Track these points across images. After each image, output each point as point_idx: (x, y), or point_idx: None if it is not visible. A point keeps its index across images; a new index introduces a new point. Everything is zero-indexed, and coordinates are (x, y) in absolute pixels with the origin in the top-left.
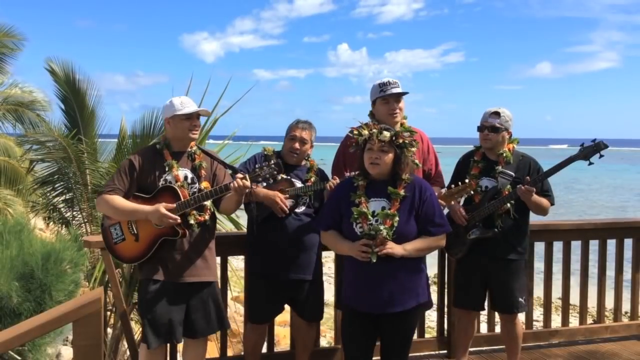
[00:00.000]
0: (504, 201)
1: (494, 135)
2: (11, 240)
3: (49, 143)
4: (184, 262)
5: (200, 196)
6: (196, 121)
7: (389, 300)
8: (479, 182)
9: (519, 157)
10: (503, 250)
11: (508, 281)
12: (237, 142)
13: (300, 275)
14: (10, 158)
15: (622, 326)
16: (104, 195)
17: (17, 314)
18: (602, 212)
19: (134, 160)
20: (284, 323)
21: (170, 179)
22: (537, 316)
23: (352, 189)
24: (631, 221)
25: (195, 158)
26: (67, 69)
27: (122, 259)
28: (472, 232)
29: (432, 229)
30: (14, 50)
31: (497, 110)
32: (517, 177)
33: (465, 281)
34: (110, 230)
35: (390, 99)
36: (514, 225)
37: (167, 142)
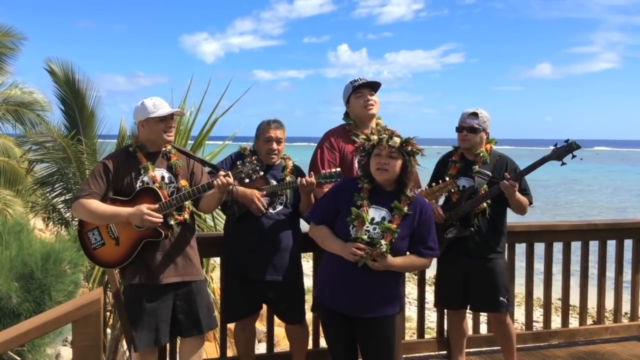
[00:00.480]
0: (480, 200)
1: (472, 135)
2: (11, 240)
3: (48, 143)
4: (167, 263)
5: (183, 195)
6: (171, 122)
7: (366, 305)
8: (457, 182)
9: (496, 157)
10: (481, 250)
11: (487, 280)
12: (237, 143)
13: (273, 276)
14: (10, 158)
15: (622, 327)
16: (81, 200)
17: (17, 315)
18: (602, 213)
19: (108, 163)
20: (278, 324)
21: (147, 180)
22: (537, 317)
23: (356, 190)
24: (631, 222)
25: (171, 157)
26: (66, 69)
27: (102, 265)
28: (449, 231)
29: (423, 251)
30: (13, 51)
31: (475, 111)
32: (493, 176)
33: (444, 280)
34: (88, 236)
35: (364, 91)
36: (491, 224)
37: (140, 144)
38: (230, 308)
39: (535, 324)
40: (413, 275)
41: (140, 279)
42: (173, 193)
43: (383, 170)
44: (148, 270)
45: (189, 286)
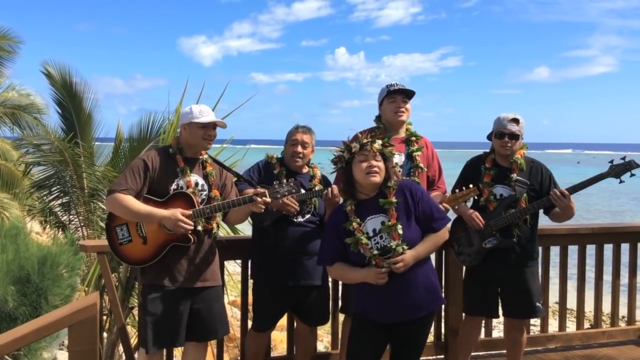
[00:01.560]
0: (527, 212)
1: (514, 142)
2: (7, 244)
3: (45, 146)
4: (190, 268)
5: (217, 206)
6: (211, 131)
7: (411, 307)
8: (493, 190)
9: (530, 163)
10: (520, 259)
11: (526, 287)
12: (234, 146)
13: (309, 281)
14: (7, 161)
15: (619, 331)
16: (117, 194)
17: (13, 319)
18: (599, 217)
19: (148, 161)
20: (280, 327)
21: (182, 184)
22: (535, 321)
23: (344, 217)
24: (628, 226)
25: (207, 166)
26: (63, 72)
27: (126, 261)
28: (489, 241)
29: (435, 225)
30: (10, 53)
31: (516, 116)
32: (531, 184)
33: (479, 289)
34: (117, 230)
35: (397, 97)
36: (529, 232)
37: (180, 147)
38: (261, 316)
39: (532, 327)
40: None
41: (161, 281)
42: (204, 201)
43: (374, 174)
44: (171, 273)
45: (207, 291)
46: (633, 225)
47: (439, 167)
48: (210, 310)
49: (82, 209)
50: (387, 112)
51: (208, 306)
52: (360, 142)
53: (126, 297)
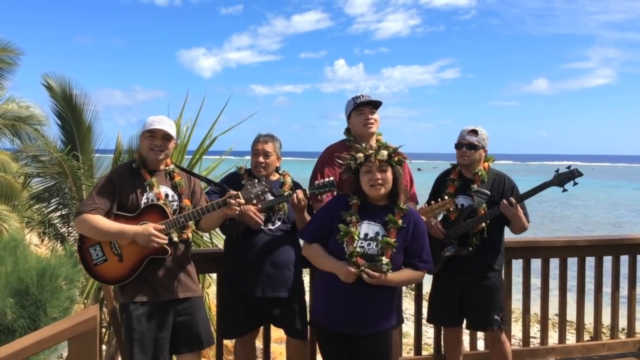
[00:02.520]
0: (480, 220)
1: (471, 152)
2: (6, 256)
3: (44, 158)
4: (169, 280)
5: (190, 214)
6: (159, 141)
7: (365, 321)
8: (455, 200)
9: (494, 175)
10: (478, 268)
11: (483, 299)
12: (233, 158)
13: (275, 292)
14: (7, 173)
15: (618, 343)
16: (85, 215)
17: (12, 331)
18: (598, 228)
19: (113, 178)
20: (280, 340)
21: (152, 197)
22: (534, 332)
23: (345, 207)
24: (627, 238)
25: (174, 176)
26: (63, 84)
27: (104, 281)
28: (447, 250)
29: (419, 264)
30: (11, 65)
31: (475, 128)
32: (492, 195)
33: (439, 297)
34: (90, 251)
35: (365, 109)
36: (489, 243)
37: (143, 160)
38: (230, 325)
39: (532, 339)
40: (410, 291)
41: (141, 297)
42: (175, 211)
43: (378, 186)
44: (150, 287)
45: (188, 302)
46: (632, 237)
47: (410, 177)
48: (192, 321)
49: None
50: (356, 125)
51: (190, 317)
52: (365, 153)
53: None
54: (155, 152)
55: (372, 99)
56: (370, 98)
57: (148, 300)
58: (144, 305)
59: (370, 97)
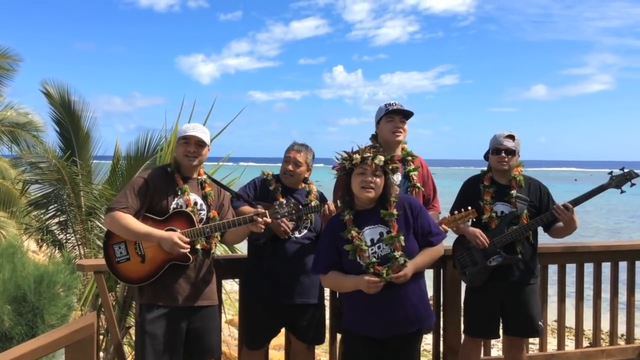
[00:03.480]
0: (532, 226)
1: (511, 157)
2: (4, 263)
3: (42, 164)
4: (187, 287)
5: (216, 226)
6: (193, 147)
7: (403, 321)
8: (494, 208)
9: (528, 180)
10: (523, 276)
11: (526, 305)
12: (231, 164)
13: (305, 299)
14: (5, 180)
15: (618, 350)
16: (117, 212)
17: (9, 338)
18: (596, 234)
19: (149, 179)
20: (278, 347)
21: (181, 203)
22: (533, 339)
23: (342, 226)
24: (625, 244)
25: (205, 186)
26: (62, 91)
27: (123, 279)
28: (494, 259)
29: (432, 239)
30: (9, 71)
31: (511, 133)
32: (531, 201)
33: (482, 309)
34: (114, 248)
35: (395, 117)
36: (530, 249)
37: (178, 165)
38: (253, 335)
39: (531, 346)
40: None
41: (159, 300)
42: (202, 220)
43: (369, 189)
44: (168, 293)
45: (204, 310)
46: (631, 243)
47: (434, 186)
48: (207, 329)
49: (79, 228)
50: (384, 131)
51: (205, 326)
52: (362, 155)
53: (123, 317)
54: (189, 158)
55: (404, 107)
56: (403, 107)
57: (164, 305)
58: (160, 309)
59: (403, 105)
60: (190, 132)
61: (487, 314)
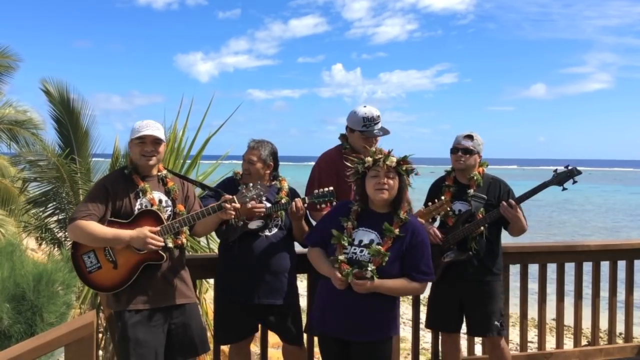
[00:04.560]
0: (480, 223)
1: (467, 157)
2: (3, 261)
3: (41, 162)
4: (164, 287)
5: (185, 219)
6: (150, 146)
7: (355, 328)
8: (452, 206)
9: (489, 180)
10: (477, 272)
11: (483, 304)
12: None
13: (270, 300)
14: (4, 177)
15: (616, 348)
16: (79, 221)
17: (8, 336)
18: (595, 233)
19: (107, 184)
20: (277, 345)
21: (145, 203)
22: (532, 337)
23: (346, 213)
24: (624, 243)
25: (167, 182)
26: (61, 89)
27: (97, 288)
28: (447, 255)
29: (416, 275)
30: (8, 69)
31: (470, 133)
32: (489, 199)
33: (439, 303)
34: (83, 259)
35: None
36: (488, 247)
37: (134, 166)
38: (225, 331)
39: (529, 344)
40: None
41: (136, 304)
42: (170, 217)
43: (383, 191)
44: (145, 294)
45: (183, 309)
46: (629, 242)
47: None
48: (187, 328)
49: None
50: (357, 144)
51: (185, 324)
52: (373, 157)
53: None
54: (147, 158)
55: (380, 123)
56: (379, 121)
57: (143, 308)
58: (140, 313)
59: (380, 118)
60: (145, 130)
61: (445, 308)
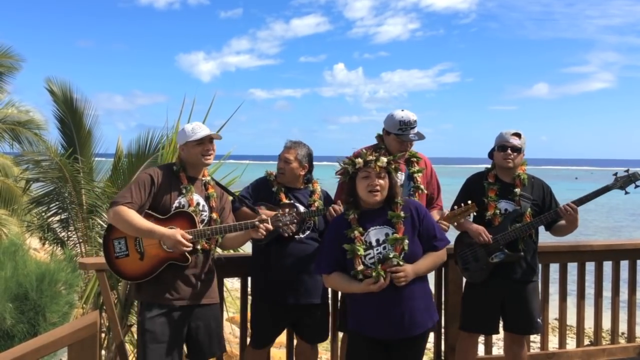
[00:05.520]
0: (535, 224)
1: (516, 155)
2: (6, 261)
3: (44, 162)
4: (188, 287)
5: (218, 229)
6: (209, 145)
7: (409, 323)
8: (498, 205)
9: (531, 179)
10: (525, 273)
11: (527, 302)
12: (232, 162)
13: (309, 299)
14: (7, 177)
15: (619, 348)
16: (121, 207)
17: (11, 336)
18: (597, 233)
19: (154, 176)
20: (279, 345)
21: (184, 203)
22: (534, 337)
23: (346, 225)
24: (627, 243)
25: (209, 188)
26: (64, 89)
27: (121, 275)
28: (496, 256)
29: (437, 244)
30: (11, 69)
31: (518, 131)
32: (534, 199)
33: (478, 304)
34: (114, 243)
35: (407, 141)
36: (532, 246)
37: (183, 165)
38: (260, 335)
39: (532, 344)
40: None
41: (160, 299)
42: (204, 221)
43: (376, 192)
44: (169, 291)
45: (205, 309)
46: (632, 242)
47: (438, 185)
48: (208, 328)
49: (81, 225)
50: (392, 146)
51: (205, 325)
52: (364, 159)
53: (125, 315)
54: (207, 157)
55: (416, 128)
56: (416, 125)
57: (165, 303)
58: (159, 308)
59: (416, 123)
60: (202, 131)
61: (487, 310)
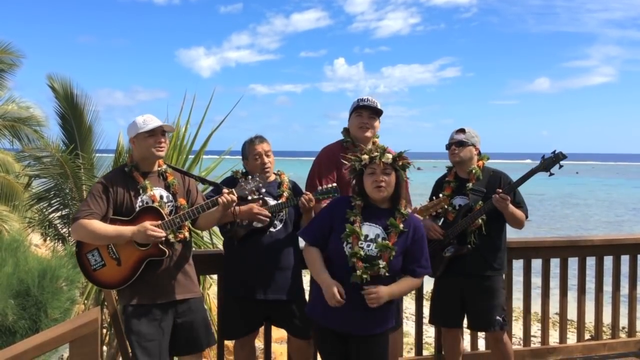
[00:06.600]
0: (475, 216)
1: (461, 149)
2: (7, 257)
3: (46, 159)
4: (168, 282)
5: (186, 214)
6: (160, 137)
7: (361, 322)
8: (452, 201)
9: (489, 173)
10: (478, 267)
11: (483, 299)
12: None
13: (276, 295)
14: (8, 174)
15: (619, 343)
16: (82, 220)
17: (13, 332)
18: (598, 227)
19: (107, 183)
20: (280, 339)
21: (146, 200)
22: (535, 331)
23: (349, 207)
24: (627, 238)
25: (167, 176)
26: (65, 85)
27: (103, 286)
28: (447, 250)
29: (417, 270)
30: (11, 66)
31: (463, 127)
32: (487, 192)
33: (440, 298)
34: (88, 257)
35: (364, 112)
36: (488, 241)
37: (135, 163)
38: (229, 326)
39: (532, 339)
40: None
41: (140, 299)
42: (172, 212)
43: (381, 188)
44: (149, 290)
45: (188, 303)
46: (633, 237)
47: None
48: (192, 322)
49: None
50: (352, 126)
51: (189, 318)
52: (369, 155)
53: None
54: (158, 149)
55: (376, 105)
56: (375, 104)
57: (147, 303)
58: (143, 307)
59: (376, 103)
60: (153, 123)
61: (446, 303)
